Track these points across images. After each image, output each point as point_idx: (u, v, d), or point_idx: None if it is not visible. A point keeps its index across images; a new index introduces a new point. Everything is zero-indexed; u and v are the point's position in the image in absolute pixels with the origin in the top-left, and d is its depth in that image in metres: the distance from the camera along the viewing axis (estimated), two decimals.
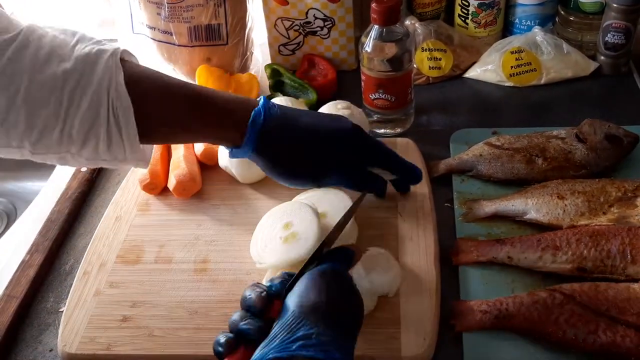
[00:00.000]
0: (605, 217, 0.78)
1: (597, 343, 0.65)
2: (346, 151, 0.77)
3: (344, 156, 0.77)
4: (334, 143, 0.76)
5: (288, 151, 0.75)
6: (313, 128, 0.76)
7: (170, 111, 0.71)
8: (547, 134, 0.92)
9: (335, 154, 0.77)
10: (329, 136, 0.76)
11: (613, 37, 1.08)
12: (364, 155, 0.79)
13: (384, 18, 0.90)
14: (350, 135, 0.77)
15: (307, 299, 0.57)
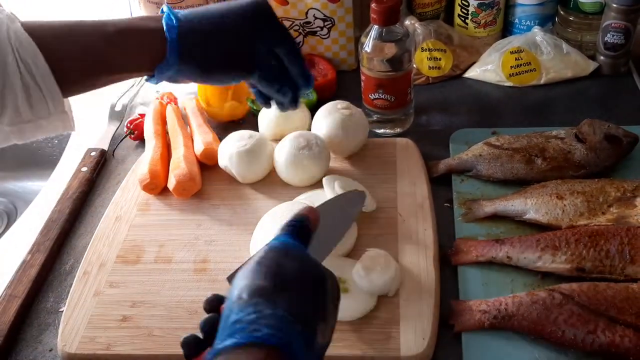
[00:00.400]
0: (605, 217, 0.79)
1: (596, 343, 0.65)
2: (260, 26, 0.73)
3: (260, 33, 0.73)
4: (249, 19, 0.73)
5: (212, 43, 0.71)
6: (225, 11, 0.72)
7: (81, 47, 0.67)
8: (546, 134, 0.92)
9: (253, 30, 0.73)
10: (242, 14, 0.73)
11: (612, 37, 1.08)
12: (274, 33, 0.75)
13: (383, 18, 0.90)
14: (260, 9, 0.74)
15: (248, 282, 0.52)
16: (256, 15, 0.73)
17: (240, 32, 0.72)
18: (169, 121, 1.05)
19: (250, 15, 0.73)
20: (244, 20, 0.72)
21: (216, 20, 0.71)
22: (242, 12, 0.73)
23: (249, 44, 0.73)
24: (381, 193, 0.90)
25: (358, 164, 0.96)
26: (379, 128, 1.04)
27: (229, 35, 0.72)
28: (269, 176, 0.95)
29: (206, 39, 0.71)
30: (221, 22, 0.72)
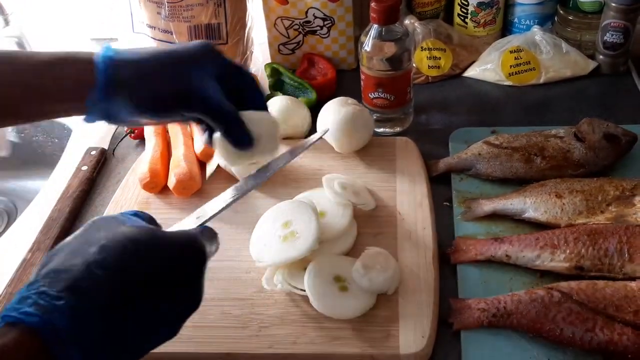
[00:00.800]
0: (603, 215, 0.79)
1: (595, 341, 0.66)
2: (195, 76, 0.68)
3: (203, 68, 0.69)
4: (187, 60, 0.68)
5: (147, 75, 0.66)
6: (164, 49, 0.69)
7: (10, 75, 0.64)
8: (545, 133, 0.92)
9: (193, 65, 0.68)
10: (182, 51, 0.69)
11: (612, 37, 1.08)
12: (220, 71, 0.70)
13: (383, 17, 0.91)
14: (202, 50, 0.70)
15: (56, 259, 0.50)
16: (199, 52, 0.70)
17: (177, 65, 0.68)
18: None
19: (192, 53, 0.69)
20: (184, 57, 0.69)
21: (153, 54, 0.68)
22: (183, 49, 0.70)
23: (187, 77, 0.68)
24: (380, 192, 0.90)
25: (358, 163, 0.96)
26: (378, 127, 1.04)
27: (165, 68, 0.67)
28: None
29: (140, 70, 0.66)
30: (158, 55, 0.68)
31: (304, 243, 0.77)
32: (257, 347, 0.72)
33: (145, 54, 0.67)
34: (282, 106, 1.00)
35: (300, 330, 0.73)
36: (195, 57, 0.69)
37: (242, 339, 0.73)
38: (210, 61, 0.70)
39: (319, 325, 0.73)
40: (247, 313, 0.76)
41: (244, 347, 0.72)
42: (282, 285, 0.76)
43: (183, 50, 0.70)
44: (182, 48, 0.70)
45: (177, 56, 0.68)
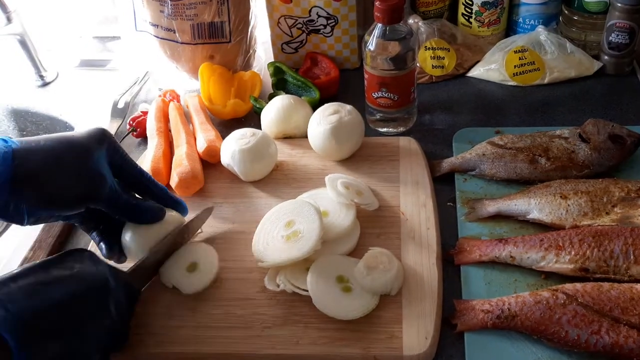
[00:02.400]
0: (609, 217, 0.78)
1: (600, 343, 0.65)
2: (93, 162, 0.71)
3: (93, 167, 0.71)
4: (79, 156, 0.70)
5: (41, 175, 0.67)
6: (52, 148, 0.69)
7: None
8: (550, 134, 0.92)
9: (84, 167, 0.70)
10: (71, 150, 0.70)
11: (617, 37, 1.07)
12: (112, 162, 0.74)
13: (387, 16, 0.90)
14: (98, 139, 0.73)
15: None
16: (95, 141, 0.72)
17: (74, 159, 0.70)
18: (172, 119, 1.05)
19: (88, 143, 0.71)
20: (81, 148, 0.71)
21: (50, 150, 0.69)
22: (81, 139, 0.71)
23: (85, 171, 0.70)
24: (384, 192, 0.90)
25: (361, 163, 0.96)
26: (382, 127, 1.03)
27: (62, 163, 0.69)
28: (272, 174, 0.95)
29: (38, 168, 0.67)
30: (54, 151, 0.69)
31: (306, 243, 0.76)
32: (260, 347, 0.71)
33: (42, 151, 0.68)
34: (284, 105, 1.00)
35: (303, 330, 0.73)
36: (94, 147, 0.71)
37: (245, 339, 0.72)
38: (106, 149, 0.73)
39: (321, 325, 0.73)
40: (250, 313, 0.75)
41: (246, 347, 0.72)
42: (284, 286, 0.75)
43: (81, 139, 0.71)
44: (80, 137, 0.72)
45: (78, 147, 0.70)
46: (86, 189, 0.70)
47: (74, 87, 1.30)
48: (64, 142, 0.70)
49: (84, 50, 1.42)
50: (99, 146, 0.72)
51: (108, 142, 0.74)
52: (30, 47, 1.29)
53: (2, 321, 0.55)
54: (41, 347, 0.58)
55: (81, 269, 0.66)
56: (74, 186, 0.69)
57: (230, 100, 1.08)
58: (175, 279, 0.78)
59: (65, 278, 0.64)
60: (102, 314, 0.65)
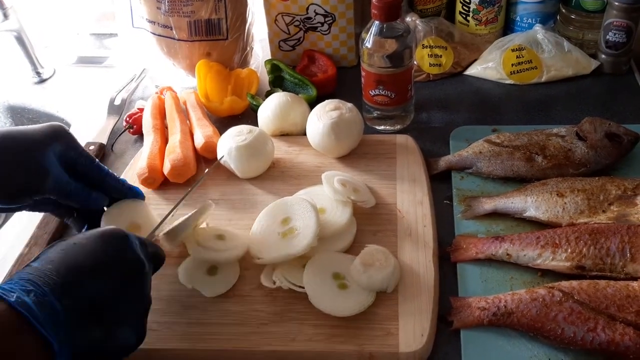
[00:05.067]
0: (605, 215, 0.78)
1: (596, 341, 0.65)
2: (39, 155, 0.72)
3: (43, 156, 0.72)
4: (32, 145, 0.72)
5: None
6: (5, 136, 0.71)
7: None
8: (547, 132, 0.92)
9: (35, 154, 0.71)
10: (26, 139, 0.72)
11: (614, 36, 1.08)
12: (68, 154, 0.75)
13: (384, 14, 0.90)
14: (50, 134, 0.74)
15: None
16: (47, 136, 0.73)
17: (23, 151, 0.71)
18: (167, 107, 1.05)
19: (38, 137, 0.72)
20: (29, 141, 0.72)
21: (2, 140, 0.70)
22: (31, 132, 0.72)
23: (33, 163, 0.71)
24: (381, 189, 0.90)
25: (358, 160, 0.95)
26: (379, 125, 1.03)
27: (9, 154, 0.70)
28: (269, 171, 0.95)
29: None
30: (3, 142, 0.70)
31: (303, 239, 0.76)
32: (256, 344, 0.71)
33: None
34: (282, 102, 1.00)
35: (299, 327, 0.72)
36: (42, 141, 0.72)
37: (241, 336, 0.72)
38: (57, 144, 0.73)
39: (317, 322, 0.72)
40: (246, 310, 0.75)
41: (242, 344, 0.71)
42: (281, 282, 0.75)
43: (30, 133, 0.72)
44: (30, 131, 0.73)
45: (23, 140, 0.71)
46: (27, 181, 0.71)
47: (71, 84, 1.30)
48: (9, 135, 0.71)
49: (80, 47, 1.41)
50: (49, 141, 0.73)
51: (61, 138, 0.74)
52: (27, 43, 1.28)
53: (51, 322, 0.52)
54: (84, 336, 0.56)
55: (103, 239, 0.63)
56: (15, 177, 0.70)
57: (227, 97, 1.08)
58: (195, 281, 0.78)
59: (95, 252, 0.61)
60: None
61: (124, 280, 0.60)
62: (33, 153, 0.71)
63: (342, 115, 0.93)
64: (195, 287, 0.77)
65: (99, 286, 0.57)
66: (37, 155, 0.72)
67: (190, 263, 0.80)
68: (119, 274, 0.60)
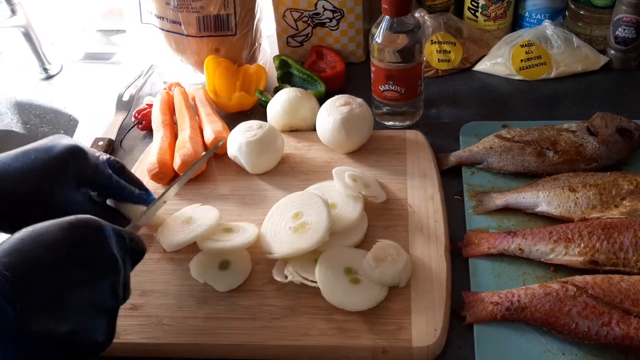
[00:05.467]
0: (617, 210, 0.78)
1: (610, 335, 0.65)
2: (60, 175, 0.70)
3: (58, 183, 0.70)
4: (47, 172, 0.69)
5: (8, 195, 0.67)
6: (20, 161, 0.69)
7: None
8: (558, 127, 0.91)
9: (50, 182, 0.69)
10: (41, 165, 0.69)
11: (623, 32, 1.07)
12: (81, 178, 0.73)
13: (395, 9, 0.90)
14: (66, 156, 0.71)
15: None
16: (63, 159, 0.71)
17: (37, 178, 0.68)
18: (176, 103, 1.05)
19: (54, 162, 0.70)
20: (45, 167, 0.69)
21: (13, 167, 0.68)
22: (47, 156, 0.70)
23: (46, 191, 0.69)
24: (391, 184, 0.90)
25: (368, 156, 0.95)
26: (388, 120, 1.03)
27: (24, 181, 0.68)
28: (278, 167, 0.95)
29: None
30: (17, 167, 0.68)
31: (314, 234, 0.76)
32: (268, 338, 0.71)
33: (5, 165, 0.67)
34: (291, 98, 1.00)
35: (311, 322, 0.72)
36: (58, 166, 0.69)
37: (253, 330, 0.72)
38: (74, 167, 0.71)
39: (330, 317, 0.72)
40: (258, 304, 0.75)
41: (254, 338, 0.71)
42: (293, 277, 0.75)
43: (46, 158, 0.69)
44: (45, 155, 0.70)
45: (39, 166, 0.68)
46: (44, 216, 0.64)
47: (78, 80, 1.30)
48: (25, 170, 0.68)
49: (88, 44, 1.41)
50: (63, 170, 0.71)
51: (77, 162, 0.72)
52: (34, 39, 1.28)
53: None
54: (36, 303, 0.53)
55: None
56: (32, 213, 0.67)
57: (235, 93, 1.08)
58: (207, 276, 0.78)
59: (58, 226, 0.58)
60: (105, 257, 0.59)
61: (90, 277, 0.56)
62: (49, 190, 0.69)
63: (352, 110, 0.93)
64: (208, 282, 0.77)
65: (58, 284, 0.53)
66: (54, 194, 0.69)
67: (202, 258, 0.80)
68: (84, 271, 0.56)
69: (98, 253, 0.57)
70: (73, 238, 0.56)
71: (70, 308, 0.54)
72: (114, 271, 0.59)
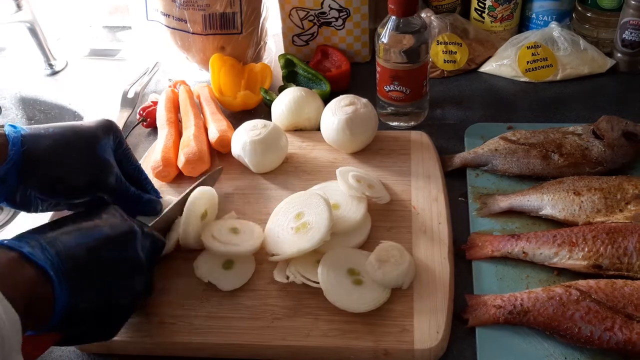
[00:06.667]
0: (622, 214, 0.78)
1: (613, 340, 0.65)
2: (100, 149, 0.73)
3: (101, 155, 0.72)
4: (87, 143, 0.72)
5: (49, 160, 0.69)
6: (61, 134, 0.71)
7: None
8: (563, 130, 0.91)
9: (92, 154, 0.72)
10: (79, 137, 0.72)
11: (630, 35, 1.07)
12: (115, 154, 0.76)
13: (401, 9, 0.89)
14: (104, 129, 0.74)
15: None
16: (101, 130, 0.74)
17: (82, 149, 0.71)
18: (181, 101, 1.05)
19: (95, 132, 0.73)
20: (88, 137, 0.72)
21: (58, 138, 0.70)
22: (88, 129, 0.73)
23: (92, 162, 0.72)
24: (395, 185, 0.89)
25: (372, 156, 0.95)
26: (392, 121, 1.03)
27: (70, 153, 0.70)
28: (282, 166, 0.95)
29: (44, 155, 0.68)
30: (63, 138, 0.70)
31: (316, 234, 0.76)
32: (270, 338, 0.71)
33: (51, 137, 0.70)
34: (296, 97, 1.00)
35: (313, 322, 0.72)
36: (102, 136, 0.73)
37: (255, 330, 0.72)
38: (111, 140, 0.74)
39: (332, 318, 0.72)
40: (260, 304, 0.75)
41: (256, 338, 0.71)
42: (294, 277, 0.75)
43: (88, 128, 0.73)
44: (88, 126, 0.73)
45: (86, 134, 0.72)
46: (93, 176, 0.72)
47: (83, 76, 1.30)
48: (73, 130, 0.72)
49: (93, 40, 1.41)
50: (107, 136, 0.74)
51: (114, 133, 0.76)
52: (39, 35, 1.28)
53: (47, 259, 0.57)
54: (80, 284, 0.60)
55: (111, 217, 0.68)
56: (82, 173, 0.71)
57: (240, 91, 1.08)
58: (211, 275, 0.78)
59: (98, 225, 0.66)
60: (132, 258, 0.66)
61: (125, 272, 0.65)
62: (96, 147, 0.72)
63: (357, 110, 0.93)
64: (211, 281, 0.77)
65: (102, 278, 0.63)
66: (100, 150, 0.72)
67: (206, 257, 0.80)
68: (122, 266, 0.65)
69: (130, 255, 0.66)
70: (114, 244, 0.65)
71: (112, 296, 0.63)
72: (141, 271, 0.67)
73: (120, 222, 0.68)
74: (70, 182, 0.70)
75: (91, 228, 0.65)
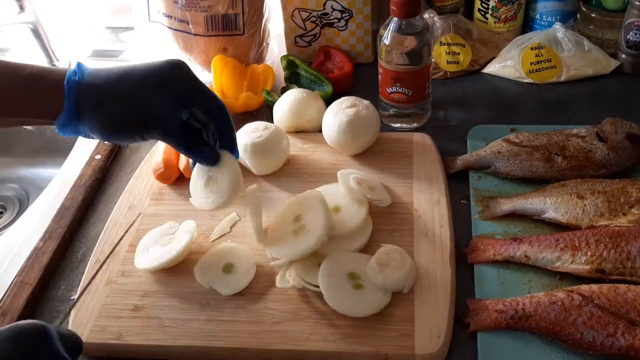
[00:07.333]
0: (626, 218, 0.77)
1: (616, 346, 0.64)
2: (167, 87, 0.70)
3: (165, 89, 0.70)
4: (153, 81, 0.70)
5: (111, 101, 0.68)
6: (129, 72, 0.69)
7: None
8: (567, 132, 0.90)
9: (157, 86, 0.69)
10: (147, 74, 0.70)
11: (635, 36, 1.06)
12: (185, 92, 0.71)
13: (403, 10, 0.89)
14: (169, 70, 0.71)
15: None
16: (167, 71, 0.70)
17: (139, 91, 0.69)
18: None
19: (157, 76, 0.70)
20: (147, 81, 0.70)
21: (117, 78, 0.69)
22: (149, 71, 0.70)
23: (148, 100, 0.69)
24: (397, 188, 0.89)
25: (373, 159, 0.95)
26: (395, 122, 1.02)
27: (126, 94, 0.69)
28: (284, 168, 0.94)
29: (103, 95, 0.68)
30: (122, 79, 0.69)
31: (312, 236, 0.75)
32: (270, 342, 0.71)
33: (110, 77, 0.69)
34: (297, 99, 0.99)
35: (313, 326, 0.72)
36: (160, 81, 0.70)
37: (255, 334, 0.72)
38: (176, 83, 0.71)
39: (332, 322, 0.72)
40: (260, 308, 0.75)
41: (256, 342, 0.71)
42: (294, 281, 0.75)
43: (149, 72, 0.70)
44: (148, 70, 0.70)
45: (142, 80, 0.69)
46: (138, 125, 0.70)
47: None
48: (128, 74, 0.70)
49: (96, 41, 1.41)
50: (168, 81, 0.70)
51: (182, 74, 0.71)
52: (42, 36, 1.28)
53: None
54: None
55: None
56: (127, 119, 0.69)
57: (242, 93, 1.08)
58: (211, 279, 0.78)
59: None
60: None
61: None
62: (148, 96, 0.69)
63: (359, 112, 0.92)
64: (212, 286, 0.77)
65: None
66: (152, 99, 0.69)
67: (206, 262, 0.79)
68: None
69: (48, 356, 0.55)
70: (23, 349, 0.54)
71: None
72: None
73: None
74: (121, 130, 0.70)
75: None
